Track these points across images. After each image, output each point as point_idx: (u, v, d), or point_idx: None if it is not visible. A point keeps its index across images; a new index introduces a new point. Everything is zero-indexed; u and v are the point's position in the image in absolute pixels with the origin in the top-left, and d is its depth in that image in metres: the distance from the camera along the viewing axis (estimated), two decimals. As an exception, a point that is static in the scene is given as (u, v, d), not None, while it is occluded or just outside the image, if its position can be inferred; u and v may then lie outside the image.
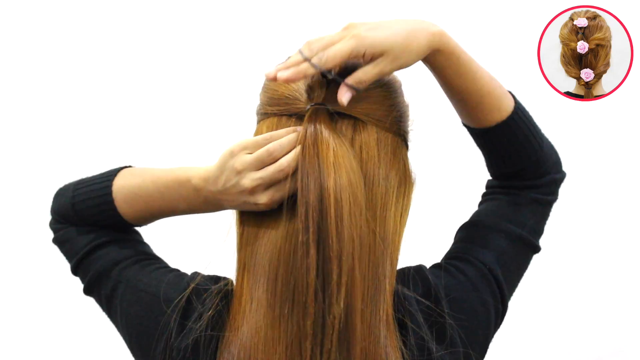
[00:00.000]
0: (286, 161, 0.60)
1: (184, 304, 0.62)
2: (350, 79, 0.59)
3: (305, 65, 0.58)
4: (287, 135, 0.61)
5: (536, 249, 0.71)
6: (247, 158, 0.61)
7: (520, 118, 0.66)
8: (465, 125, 0.70)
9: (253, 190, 0.61)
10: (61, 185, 0.75)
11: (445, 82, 0.64)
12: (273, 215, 0.62)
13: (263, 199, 0.61)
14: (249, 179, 0.60)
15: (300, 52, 0.59)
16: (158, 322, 0.62)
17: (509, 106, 0.66)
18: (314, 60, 0.58)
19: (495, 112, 0.65)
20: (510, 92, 0.68)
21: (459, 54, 0.61)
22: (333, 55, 0.57)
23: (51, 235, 0.74)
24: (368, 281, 0.59)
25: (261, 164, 0.61)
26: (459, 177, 1.30)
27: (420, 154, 0.71)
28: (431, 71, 0.64)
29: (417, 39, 0.58)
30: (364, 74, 0.59)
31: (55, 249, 0.74)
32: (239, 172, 0.61)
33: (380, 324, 0.58)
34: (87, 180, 0.72)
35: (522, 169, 0.69)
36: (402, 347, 0.59)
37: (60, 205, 0.72)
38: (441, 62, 0.61)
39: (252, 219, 0.64)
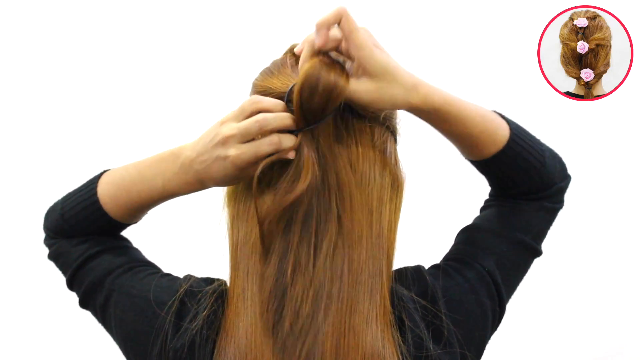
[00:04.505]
0: (279, 139, 0.58)
1: (178, 305, 0.61)
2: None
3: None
4: (277, 113, 0.59)
5: (537, 253, 0.70)
6: (233, 125, 0.59)
7: (517, 144, 0.66)
8: (464, 157, 0.71)
9: (226, 140, 0.59)
10: (56, 193, 0.75)
11: (437, 129, 0.65)
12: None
13: (232, 150, 0.59)
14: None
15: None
16: (153, 325, 0.61)
17: (504, 136, 0.66)
18: (319, 34, 0.57)
19: (491, 145, 0.66)
20: (504, 118, 0.68)
21: (448, 108, 0.61)
22: (342, 23, 0.55)
23: (47, 252, 0.74)
24: (364, 275, 0.59)
25: (248, 136, 0.58)
26: (455, 177, 1.30)
27: (418, 153, 0.71)
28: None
29: (398, 87, 0.58)
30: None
31: (51, 265, 0.74)
32: (225, 142, 0.59)
33: (377, 317, 0.58)
34: (74, 190, 0.73)
35: (526, 190, 0.69)
36: (400, 343, 0.59)
37: (51, 220, 0.73)
38: (427, 117, 0.63)
39: (234, 203, 0.64)
